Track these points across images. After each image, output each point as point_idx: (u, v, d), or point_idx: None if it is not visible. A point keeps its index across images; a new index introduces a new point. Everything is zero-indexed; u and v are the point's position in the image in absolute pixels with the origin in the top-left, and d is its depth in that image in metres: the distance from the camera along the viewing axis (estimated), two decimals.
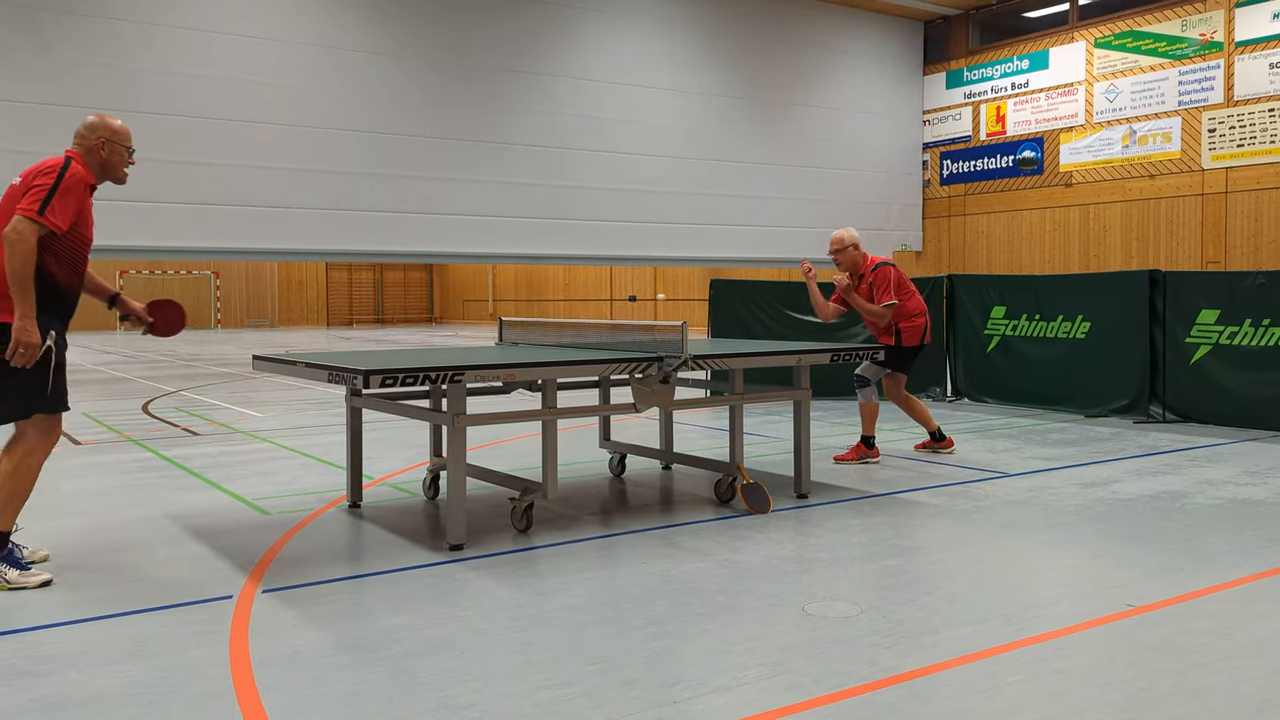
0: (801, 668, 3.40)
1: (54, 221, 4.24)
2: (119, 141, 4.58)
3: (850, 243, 7.62)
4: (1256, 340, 8.98)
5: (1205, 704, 3.09)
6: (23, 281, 4.16)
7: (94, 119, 4.55)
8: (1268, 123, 16.35)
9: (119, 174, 4.64)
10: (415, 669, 3.42)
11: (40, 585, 4.35)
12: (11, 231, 4.17)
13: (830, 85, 19.59)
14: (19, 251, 4.15)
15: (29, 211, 4.18)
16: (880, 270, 7.57)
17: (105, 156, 4.56)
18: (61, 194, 4.27)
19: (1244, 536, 5.17)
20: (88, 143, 4.53)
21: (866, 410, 7.53)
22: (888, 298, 7.50)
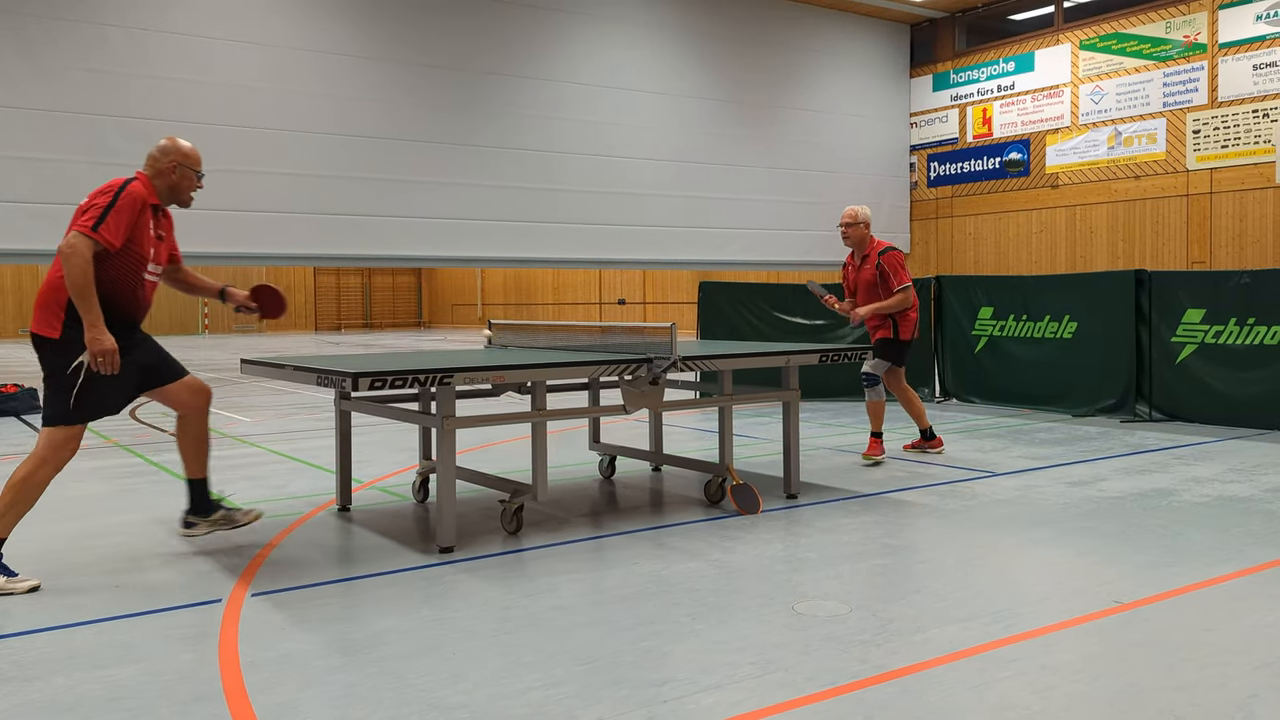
0: (792, 666, 3.41)
1: (107, 238, 4.34)
2: (190, 166, 4.71)
3: (864, 219, 7.68)
4: (1241, 339, 9.03)
5: (1192, 698, 3.11)
6: (83, 292, 4.28)
7: (167, 142, 4.68)
8: (1251, 124, 16.45)
9: (186, 198, 4.76)
10: (405, 670, 3.42)
11: (29, 590, 4.35)
12: (66, 246, 4.30)
13: (817, 88, 19.64)
14: (74, 265, 4.26)
15: (84, 228, 4.32)
16: (892, 254, 7.61)
17: (175, 180, 4.68)
18: (116, 211, 4.38)
19: (1230, 533, 5.21)
20: (159, 165, 4.65)
21: (877, 407, 7.58)
22: (904, 279, 7.54)
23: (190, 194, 4.76)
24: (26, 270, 37.57)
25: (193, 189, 4.76)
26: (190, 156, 4.71)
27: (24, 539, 5.35)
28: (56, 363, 4.44)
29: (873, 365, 7.61)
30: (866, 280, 7.66)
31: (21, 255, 13.23)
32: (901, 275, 7.55)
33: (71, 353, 4.42)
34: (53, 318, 4.42)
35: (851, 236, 7.72)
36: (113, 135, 13.15)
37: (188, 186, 4.73)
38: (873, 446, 7.55)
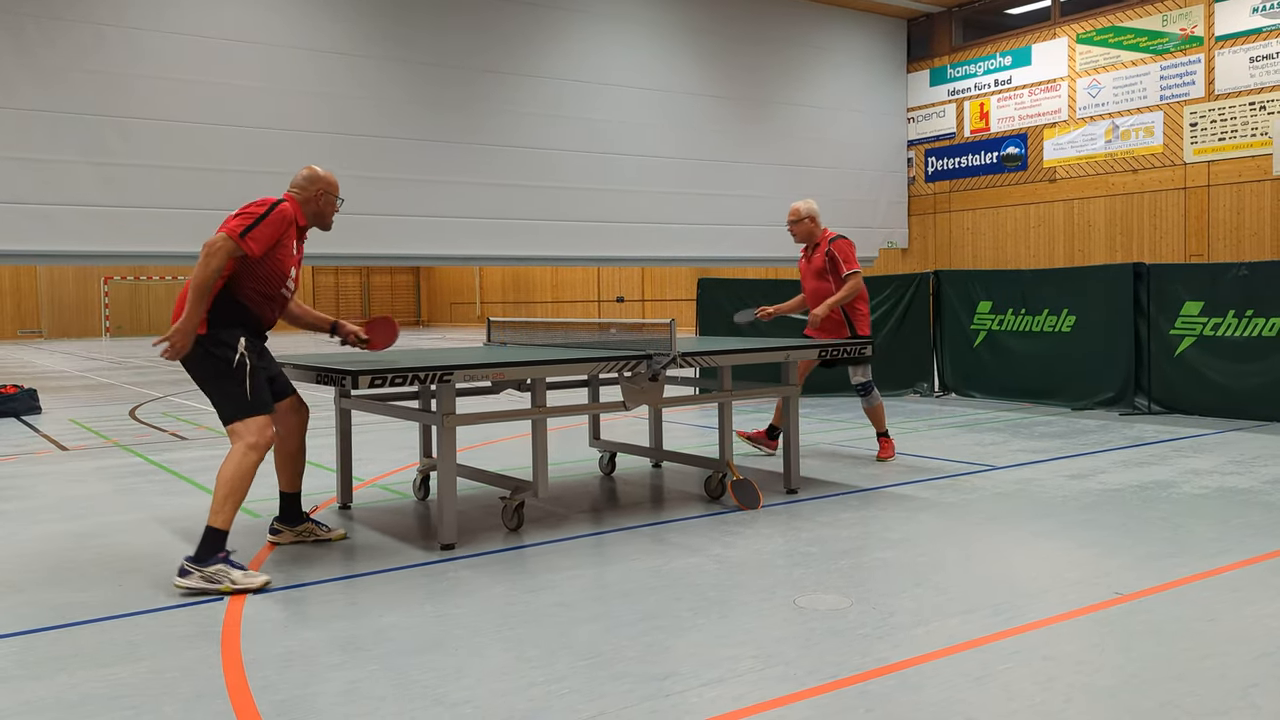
0: (793, 660, 3.42)
1: (250, 246, 4.52)
2: (333, 193, 4.98)
3: (808, 214, 7.64)
4: (1240, 331, 9.04)
5: (1192, 688, 3.12)
6: (202, 289, 4.44)
7: (311, 172, 4.92)
8: (1248, 116, 16.46)
9: (328, 222, 5.03)
10: (408, 667, 3.43)
11: (262, 587, 4.34)
12: (207, 242, 4.48)
13: (814, 84, 19.64)
14: (209, 263, 4.44)
15: (233, 231, 4.50)
16: (841, 241, 7.54)
17: (321, 207, 4.94)
18: (266, 223, 4.58)
19: (1229, 525, 5.22)
20: (306, 193, 4.89)
21: (879, 411, 7.55)
22: (853, 265, 7.47)
23: (332, 219, 5.03)
24: (25, 271, 37.54)
25: (334, 213, 5.02)
26: (333, 184, 4.98)
27: (27, 538, 5.36)
28: (214, 358, 4.54)
29: (862, 372, 7.54)
30: (815, 267, 7.57)
31: (20, 256, 13.22)
32: (851, 260, 7.47)
33: (228, 346, 4.55)
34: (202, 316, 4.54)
35: (798, 233, 7.67)
36: (111, 136, 13.15)
37: (330, 212, 5.00)
38: (887, 447, 7.51)
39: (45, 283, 38.08)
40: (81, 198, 12.83)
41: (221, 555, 4.36)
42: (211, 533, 4.36)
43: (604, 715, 3.00)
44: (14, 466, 7.81)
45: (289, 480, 5.13)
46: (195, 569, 4.30)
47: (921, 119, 21.18)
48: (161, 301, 40.00)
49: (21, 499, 6.52)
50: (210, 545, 4.35)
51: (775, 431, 7.80)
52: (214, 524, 4.37)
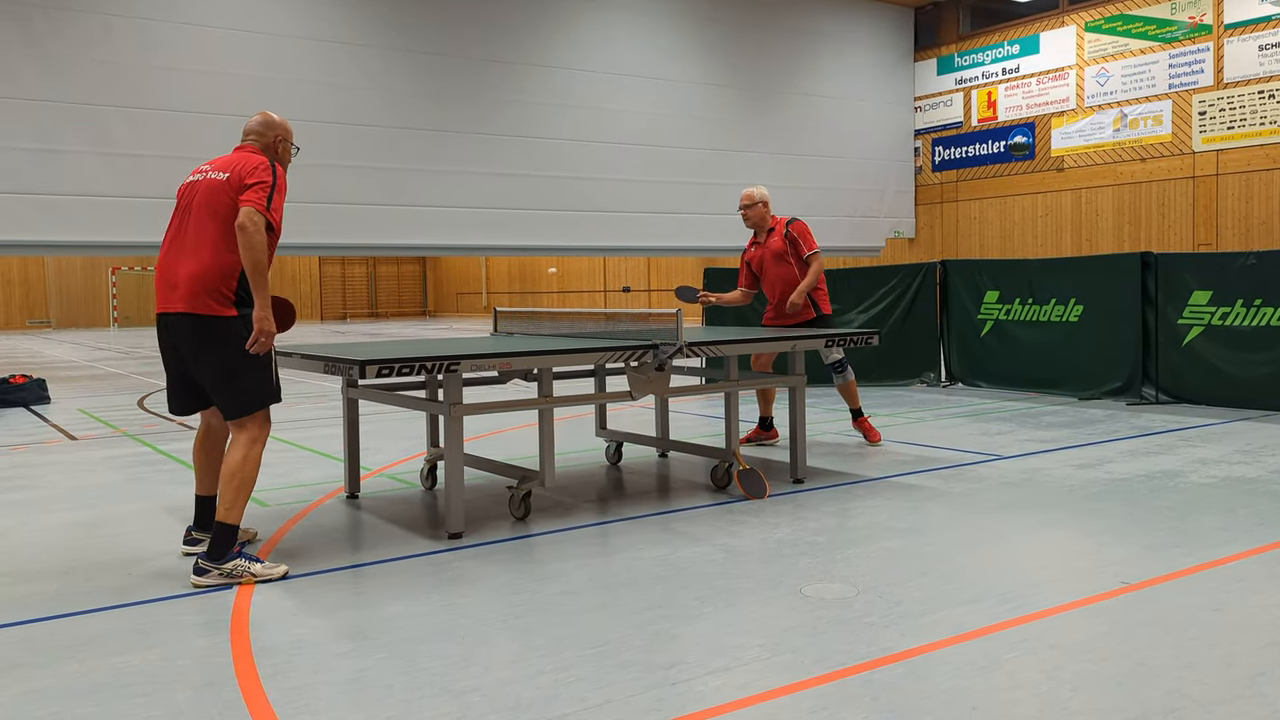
0: (800, 648, 3.43)
1: (275, 218, 4.29)
2: (288, 139, 4.67)
3: (760, 199, 7.66)
4: (1248, 320, 9.02)
5: (1199, 677, 3.12)
6: (262, 269, 4.20)
7: (265, 117, 4.59)
8: (1257, 105, 16.39)
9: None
10: (416, 655, 3.44)
11: (282, 576, 4.33)
12: (248, 222, 4.18)
13: (821, 73, 19.59)
14: (255, 243, 4.17)
15: (259, 205, 4.22)
16: (798, 223, 7.58)
17: (279, 154, 4.63)
18: (279, 191, 4.34)
19: (1237, 514, 5.21)
20: (266, 140, 4.58)
21: (852, 388, 7.67)
22: (814, 244, 7.53)
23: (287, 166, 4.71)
24: (33, 262, 37.64)
25: (289, 161, 4.71)
26: (288, 129, 4.67)
27: (36, 528, 5.39)
28: (240, 341, 4.33)
29: (836, 351, 7.58)
30: (774, 251, 7.56)
31: (27, 246, 13.27)
32: (810, 241, 7.52)
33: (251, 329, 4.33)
34: (221, 297, 4.30)
35: (751, 217, 7.68)
36: (118, 126, 13.18)
37: (287, 160, 4.69)
38: (869, 428, 7.62)
39: (53, 273, 38.19)
40: (89, 188, 12.86)
41: (236, 550, 4.33)
42: (224, 529, 4.30)
43: (611, 703, 3.01)
44: (23, 456, 7.84)
45: (210, 481, 4.79)
46: (213, 567, 4.26)
47: (928, 108, 21.12)
48: None
49: (31, 488, 6.55)
50: (225, 542, 4.29)
51: (767, 421, 7.82)
52: (226, 520, 4.31)
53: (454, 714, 2.97)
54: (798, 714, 2.92)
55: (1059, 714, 2.88)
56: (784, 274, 7.58)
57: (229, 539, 4.30)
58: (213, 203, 4.33)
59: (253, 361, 4.38)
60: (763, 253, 7.69)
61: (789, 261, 7.54)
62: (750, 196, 7.69)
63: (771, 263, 7.63)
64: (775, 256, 7.60)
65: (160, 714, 3.01)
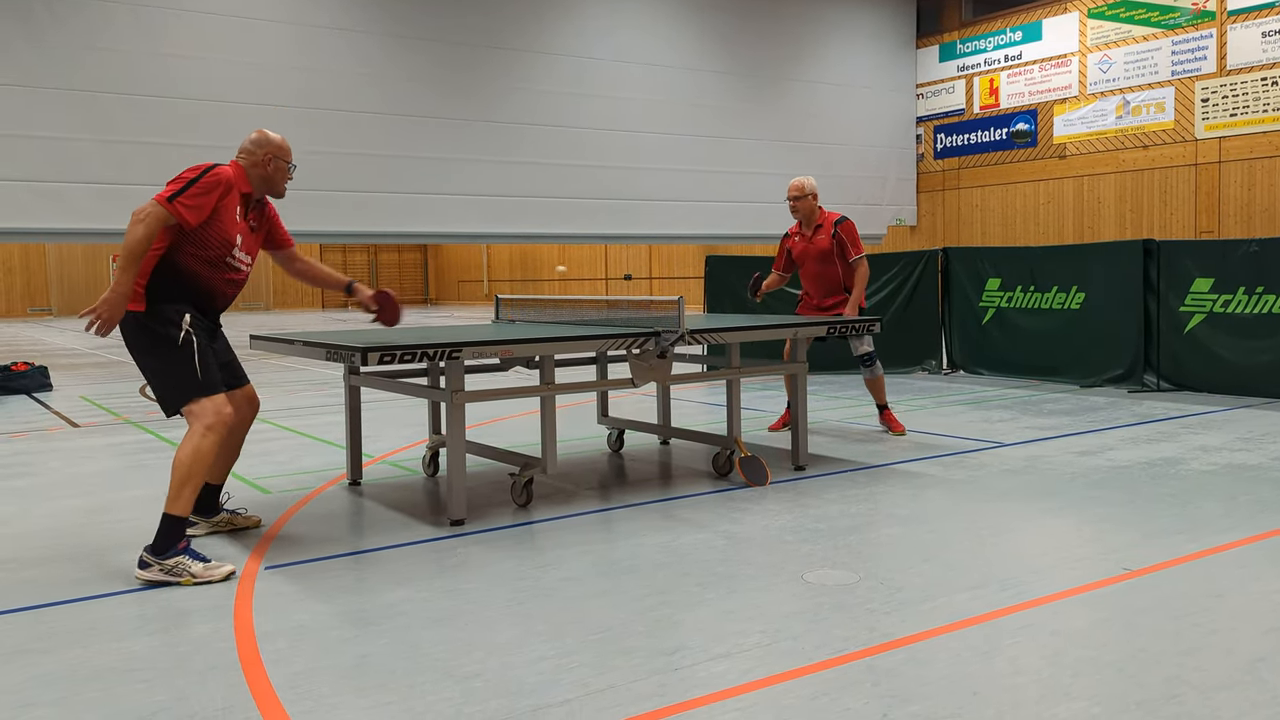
0: (802, 634, 3.44)
1: (180, 212, 4.25)
2: (282, 158, 4.68)
3: (810, 191, 7.58)
4: (1250, 308, 9.02)
5: (1199, 663, 3.13)
6: (132, 256, 4.16)
7: (259, 135, 4.64)
8: (1260, 92, 16.34)
9: (280, 189, 4.73)
10: (419, 640, 3.45)
11: (225, 578, 4.16)
12: (138, 212, 4.21)
13: (823, 60, 19.54)
14: (136, 229, 4.16)
15: (160, 198, 4.25)
16: (848, 223, 7.53)
17: (269, 172, 4.64)
18: (199, 187, 4.31)
19: (1237, 501, 5.22)
20: (254, 158, 4.62)
21: (880, 383, 7.56)
22: (861, 248, 7.49)
23: (284, 186, 4.74)
24: (34, 249, 37.62)
25: (285, 180, 4.73)
26: (282, 149, 4.68)
27: (39, 514, 5.40)
28: (156, 336, 4.30)
29: (866, 343, 7.49)
30: (819, 250, 7.51)
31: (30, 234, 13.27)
32: (858, 244, 7.49)
33: (170, 322, 4.30)
34: (138, 293, 4.29)
35: (800, 209, 7.59)
36: (120, 113, 13.15)
37: (281, 179, 4.70)
38: (894, 421, 7.53)
39: (54, 261, 38.18)
40: (90, 175, 12.86)
41: (181, 545, 4.17)
42: (169, 521, 4.17)
43: (613, 689, 3.02)
44: (26, 443, 7.86)
45: (219, 471, 4.86)
46: (155, 561, 4.11)
47: (931, 95, 21.07)
48: None
49: (33, 475, 6.56)
50: (168, 535, 4.15)
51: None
52: (171, 511, 4.18)
53: (456, 699, 2.98)
54: (799, 700, 2.93)
55: (1060, 699, 2.89)
56: (827, 273, 7.52)
57: (173, 532, 4.17)
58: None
59: (167, 355, 4.30)
60: (807, 247, 7.61)
61: (833, 261, 7.47)
62: (800, 188, 7.58)
63: (815, 260, 7.55)
64: (820, 255, 7.53)
65: (164, 699, 3.02)
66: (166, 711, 2.94)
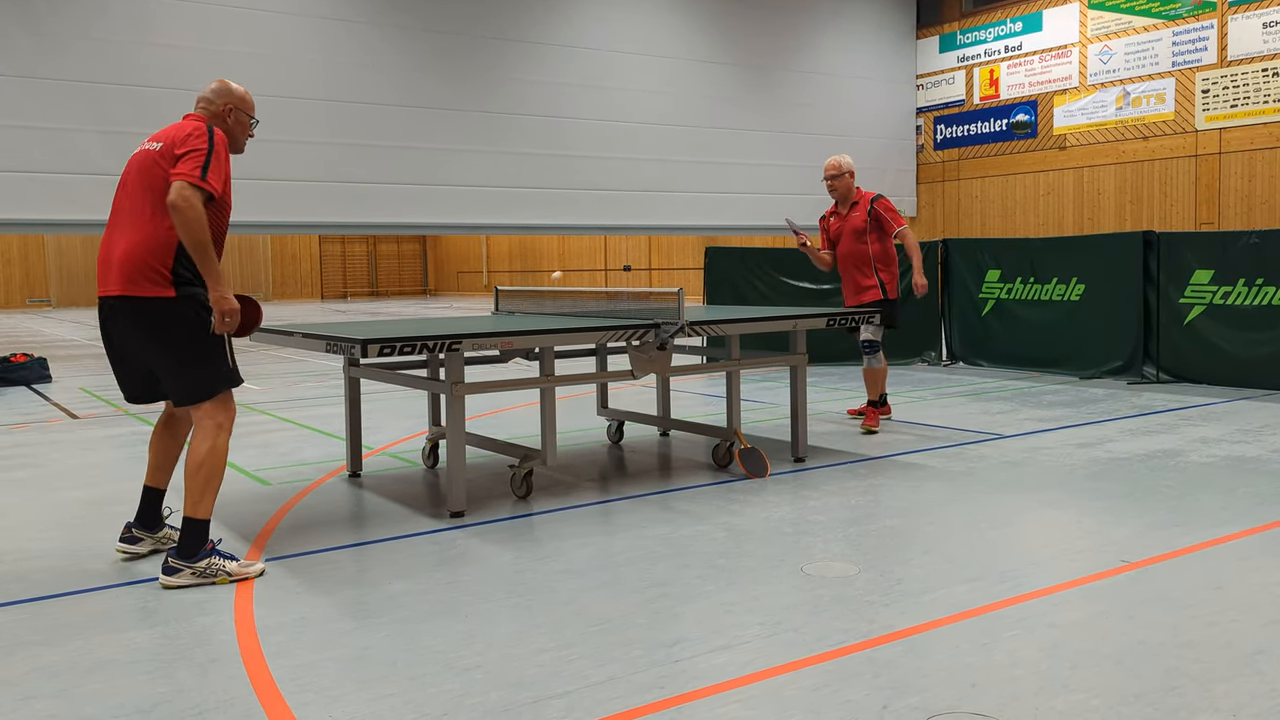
0: (801, 626, 3.44)
1: (214, 186, 3.95)
2: (244, 110, 4.34)
3: (848, 169, 7.57)
4: (1250, 300, 9.01)
5: (1198, 655, 3.14)
6: (205, 247, 3.91)
7: (219, 84, 4.29)
8: (1261, 83, 16.31)
9: (241, 144, 4.37)
10: (419, 632, 3.46)
11: (259, 575, 4.11)
12: (179, 199, 3.86)
13: (823, 51, 19.49)
14: (191, 219, 3.86)
15: (192, 177, 3.90)
16: (883, 200, 7.52)
17: (230, 125, 4.30)
18: (216, 157, 4.00)
19: (1237, 493, 5.22)
20: (214, 109, 4.27)
21: (878, 374, 7.48)
22: (900, 221, 7.45)
23: (245, 141, 4.39)
24: (33, 240, 37.58)
25: (247, 135, 4.39)
26: (245, 100, 4.34)
27: (40, 506, 5.41)
28: (185, 323, 4.05)
29: (874, 331, 7.42)
30: (854, 226, 7.47)
31: (29, 225, 13.24)
32: (898, 217, 7.46)
33: (203, 307, 4.07)
34: (158, 276, 3.99)
35: (838, 188, 7.58)
36: (117, 104, 13.12)
37: (242, 133, 4.36)
38: (872, 417, 7.38)
39: (53, 251, 38.15)
40: (89, 166, 12.83)
41: (209, 547, 4.08)
42: (195, 525, 4.04)
43: (613, 681, 3.03)
44: (26, 435, 7.86)
45: (160, 472, 4.45)
46: (185, 565, 4.00)
47: (930, 86, 21.03)
48: None
49: (34, 467, 6.57)
50: (197, 538, 4.04)
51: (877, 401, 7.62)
52: (196, 515, 4.04)
53: (456, 691, 2.99)
54: (799, 691, 2.94)
55: (1059, 691, 2.90)
56: (858, 251, 7.48)
57: (201, 535, 4.05)
58: (147, 175, 4.04)
59: (203, 344, 4.08)
60: (842, 225, 7.57)
61: (865, 240, 7.44)
62: (837, 166, 7.57)
63: (849, 238, 7.51)
64: (854, 232, 7.49)
65: (165, 691, 3.03)
66: (167, 704, 2.94)
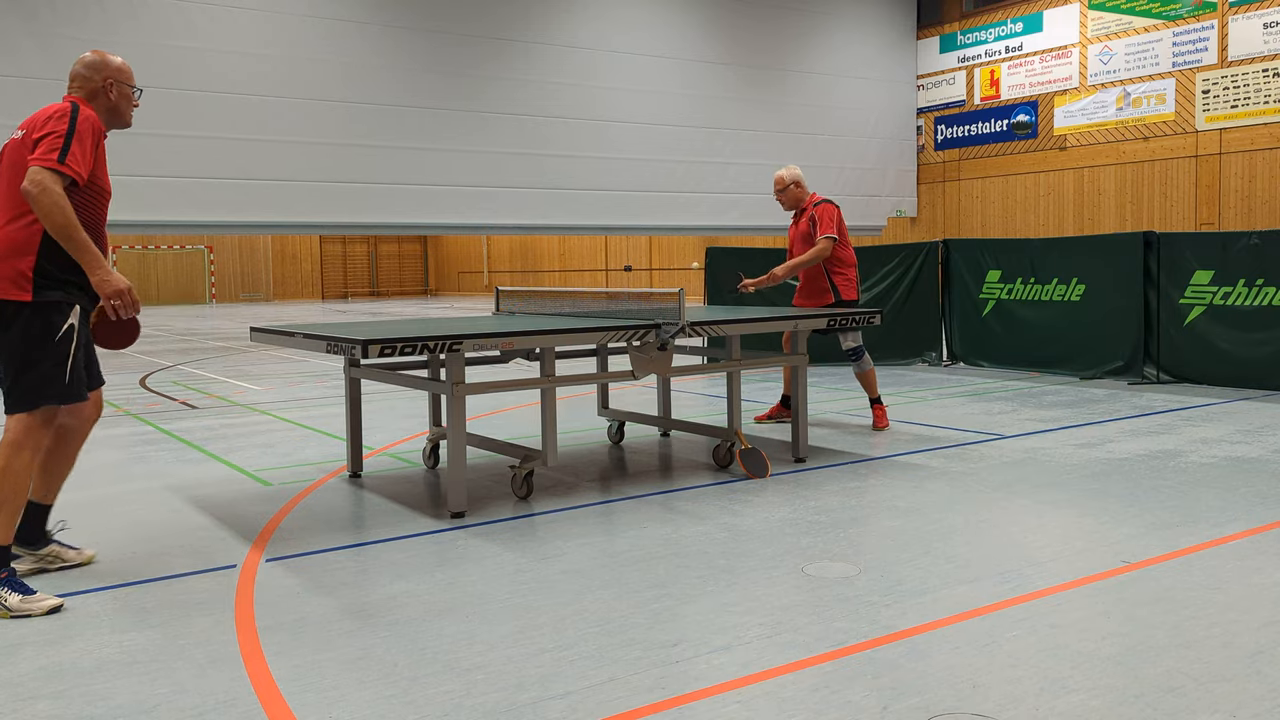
0: (802, 627, 3.44)
1: (75, 170, 3.71)
2: (124, 81, 4.08)
3: (791, 180, 7.56)
4: (1250, 300, 9.01)
5: (1199, 655, 3.14)
6: (70, 232, 3.65)
7: (92, 56, 4.04)
8: (1261, 83, 16.31)
9: (126, 117, 4.14)
10: (420, 633, 3.46)
11: (48, 612, 3.69)
12: (32, 186, 3.63)
13: (824, 51, 19.50)
14: (47, 204, 3.62)
15: (47, 160, 3.65)
16: (824, 205, 7.45)
17: (113, 100, 4.05)
18: (79, 138, 3.74)
19: (1237, 493, 5.22)
20: (92, 85, 4.01)
21: (871, 375, 7.48)
22: (829, 229, 7.35)
23: (130, 114, 4.14)
24: None
25: (131, 107, 4.13)
26: (123, 71, 4.08)
27: None
28: (37, 329, 3.76)
29: (852, 338, 7.42)
30: (802, 232, 7.50)
31: None
32: (827, 226, 7.33)
33: (56, 315, 3.79)
34: (18, 276, 3.72)
35: (786, 201, 7.60)
36: None
37: (125, 106, 4.11)
38: (880, 415, 7.43)
39: None
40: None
41: (2, 575, 3.72)
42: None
43: (614, 681, 3.03)
44: None
45: (46, 487, 4.18)
46: None
47: (931, 86, 21.04)
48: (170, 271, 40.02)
49: None
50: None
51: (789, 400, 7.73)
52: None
53: (457, 691, 2.99)
54: (799, 692, 2.94)
55: (1059, 692, 2.90)
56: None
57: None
58: (14, 166, 3.81)
59: (39, 351, 3.76)
60: (794, 232, 7.63)
61: (812, 245, 7.44)
62: (781, 180, 7.59)
63: (799, 243, 7.56)
64: (803, 238, 7.52)
65: (165, 691, 3.03)
66: (168, 704, 2.94)
